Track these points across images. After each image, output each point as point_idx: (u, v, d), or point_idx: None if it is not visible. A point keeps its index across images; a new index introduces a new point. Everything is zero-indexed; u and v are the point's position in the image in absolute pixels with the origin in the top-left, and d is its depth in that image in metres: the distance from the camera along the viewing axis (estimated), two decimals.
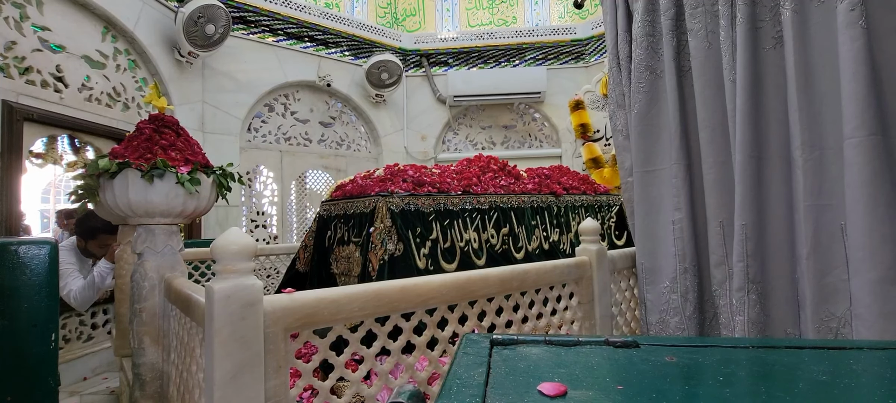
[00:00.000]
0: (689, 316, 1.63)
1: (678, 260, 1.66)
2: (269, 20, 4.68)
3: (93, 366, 2.99)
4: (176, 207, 1.51)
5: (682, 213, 1.64)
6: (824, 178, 1.21)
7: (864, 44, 1.09)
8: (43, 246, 1.29)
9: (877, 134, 1.07)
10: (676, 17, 1.69)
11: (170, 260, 1.57)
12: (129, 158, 1.38)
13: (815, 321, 1.21)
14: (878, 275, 1.05)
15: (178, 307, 1.38)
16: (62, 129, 3.14)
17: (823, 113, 1.22)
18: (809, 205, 1.22)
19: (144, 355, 1.56)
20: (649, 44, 1.79)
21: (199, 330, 1.14)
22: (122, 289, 2.26)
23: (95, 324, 3.20)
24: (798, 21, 1.25)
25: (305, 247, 2.69)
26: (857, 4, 1.10)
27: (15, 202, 2.74)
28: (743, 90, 1.37)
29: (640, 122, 1.80)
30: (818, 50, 1.23)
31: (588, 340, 0.53)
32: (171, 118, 1.57)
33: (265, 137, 4.83)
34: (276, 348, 1.01)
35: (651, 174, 1.78)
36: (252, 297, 0.96)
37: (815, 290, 1.21)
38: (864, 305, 1.07)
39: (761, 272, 1.35)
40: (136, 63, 3.71)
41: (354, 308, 1.13)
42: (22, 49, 2.83)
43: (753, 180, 1.35)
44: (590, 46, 5.44)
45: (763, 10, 1.39)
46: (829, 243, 1.20)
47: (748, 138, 1.36)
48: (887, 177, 1.07)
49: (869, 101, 1.08)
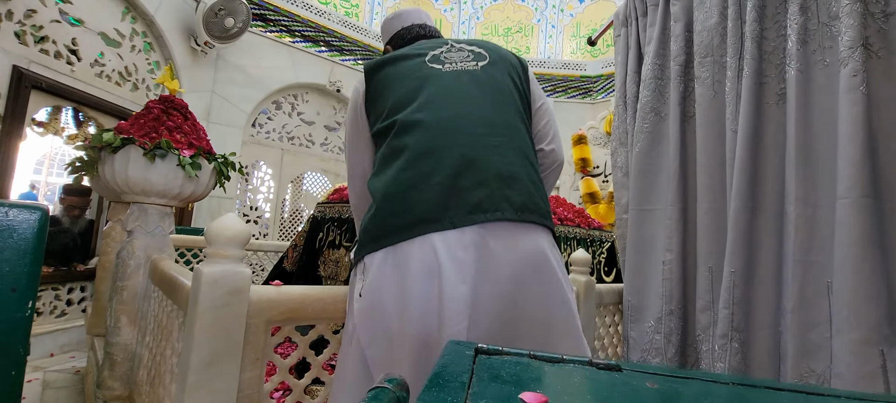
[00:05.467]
0: (670, 358, 1.63)
1: (665, 301, 1.66)
2: (289, 21, 4.75)
3: (61, 343, 2.93)
4: (174, 189, 1.50)
5: (673, 255, 1.65)
6: (815, 235, 1.22)
7: (863, 109, 1.12)
8: (34, 212, 1.27)
9: (869, 196, 1.10)
10: (686, 64, 1.73)
11: (159, 242, 1.56)
12: (133, 135, 1.38)
13: (795, 375, 1.21)
14: (861, 336, 1.06)
15: (161, 289, 1.37)
16: (68, 101, 3.14)
17: (819, 171, 1.25)
18: (798, 260, 1.24)
19: (119, 334, 1.53)
20: (657, 86, 1.83)
21: (180, 314, 1.13)
22: (104, 267, 2.23)
23: (71, 301, 3.15)
24: (802, 81, 1.28)
25: (295, 247, 2.67)
26: (859, 71, 1.14)
27: (10, 167, 2.73)
28: (743, 141, 1.40)
29: (641, 161, 1.83)
30: (818, 110, 1.26)
31: (572, 359, 0.53)
32: (180, 101, 1.58)
33: (269, 134, 4.85)
34: (256, 339, 1.00)
35: (646, 213, 1.80)
36: (239, 285, 0.95)
37: (797, 345, 1.21)
38: (844, 364, 1.08)
39: (746, 321, 1.35)
40: (151, 46, 3.74)
41: (340, 309, 1.12)
42: (41, 18, 2.86)
43: (746, 229, 1.37)
44: (598, 84, 5.54)
45: (769, 66, 1.43)
46: (814, 299, 1.21)
47: (744, 188, 1.38)
48: (876, 239, 1.09)
49: (864, 164, 1.10)
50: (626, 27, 2.07)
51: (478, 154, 0.90)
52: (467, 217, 0.85)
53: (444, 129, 0.92)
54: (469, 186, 0.87)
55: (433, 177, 0.88)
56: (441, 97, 0.96)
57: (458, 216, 0.85)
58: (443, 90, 0.97)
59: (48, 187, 13.22)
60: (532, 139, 1.06)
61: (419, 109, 0.94)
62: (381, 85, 1.02)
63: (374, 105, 1.02)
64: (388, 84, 1.01)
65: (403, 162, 0.90)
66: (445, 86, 0.98)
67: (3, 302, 1.32)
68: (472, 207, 0.86)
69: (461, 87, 0.99)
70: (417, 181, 0.88)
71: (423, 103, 0.95)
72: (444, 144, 0.91)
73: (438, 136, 0.91)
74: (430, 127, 0.92)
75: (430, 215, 0.85)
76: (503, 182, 0.90)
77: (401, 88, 0.99)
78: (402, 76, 1.00)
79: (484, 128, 0.94)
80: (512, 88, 1.04)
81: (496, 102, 1.00)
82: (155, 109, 1.51)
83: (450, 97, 0.97)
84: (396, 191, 0.89)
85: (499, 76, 1.04)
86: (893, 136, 1.13)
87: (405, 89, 0.98)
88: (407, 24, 1.18)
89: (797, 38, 1.30)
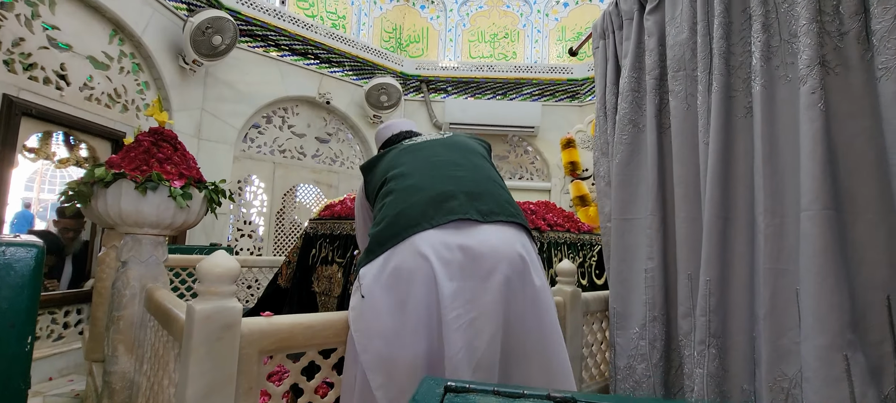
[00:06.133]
0: (655, 364, 1.68)
1: (648, 308, 1.72)
2: (276, 36, 4.78)
3: (59, 367, 2.95)
4: (166, 219, 1.54)
5: (655, 263, 1.71)
6: (783, 245, 1.28)
7: (822, 125, 1.17)
8: (30, 249, 1.31)
9: (830, 208, 1.15)
10: (660, 77, 1.78)
11: (153, 271, 1.60)
12: (124, 169, 1.42)
13: (769, 379, 1.27)
14: (826, 342, 1.11)
15: (156, 319, 1.40)
16: (59, 126, 3.16)
17: (785, 183, 1.30)
18: (768, 269, 1.29)
19: (117, 363, 1.57)
20: (634, 99, 1.89)
21: (176, 345, 1.17)
22: (100, 293, 2.26)
23: (67, 324, 3.16)
24: (766, 96, 1.34)
25: (289, 263, 2.71)
26: (817, 88, 1.19)
27: (3, 194, 2.75)
28: (714, 153, 1.46)
29: (621, 172, 1.88)
30: (783, 124, 1.32)
31: (532, 393, 0.58)
32: (170, 132, 1.62)
33: (260, 148, 4.88)
34: (249, 369, 1.04)
35: (628, 222, 1.85)
36: (231, 319, 1.00)
37: (769, 350, 1.27)
38: (812, 369, 1.13)
39: (722, 327, 1.41)
40: (139, 67, 3.77)
41: (329, 334, 1.17)
42: (29, 46, 2.88)
43: (719, 239, 1.43)
44: (585, 87, 5.61)
45: (737, 80, 1.49)
46: (784, 306, 1.26)
47: (717, 199, 1.44)
48: (838, 250, 1.14)
49: (824, 178, 1.16)
50: (604, 39, 2.13)
51: (448, 184, 1.16)
52: (444, 217, 1.09)
53: (422, 172, 1.20)
54: (444, 200, 1.12)
55: (415, 200, 1.13)
56: (417, 153, 1.27)
57: (437, 219, 1.08)
58: (418, 150, 1.29)
59: (40, 204, 13.15)
60: (498, 174, 1.32)
61: (401, 165, 1.24)
62: (373, 173, 1.31)
63: (371, 187, 1.30)
64: (380, 168, 1.30)
65: (392, 199, 1.16)
66: (420, 148, 1.30)
67: (3, 337, 1.35)
68: (447, 211, 1.10)
69: (433, 146, 1.30)
70: (404, 207, 1.12)
71: (404, 162, 1.25)
72: (422, 181, 1.18)
73: (417, 177, 1.19)
74: (411, 173, 1.20)
75: (414, 222, 1.08)
76: (471, 197, 1.14)
77: (388, 164, 1.28)
78: (389, 158, 1.30)
79: (452, 166, 1.22)
80: (476, 145, 1.37)
81: (463, 152, 1.29)
82: (145, 142, 1.55)
83: (424, 151, 1.28)
84: (387, 215, 1.13)
85: (463, 139, 1.37)
86: (852, 150, 1.18)
87: (390, 161, 1.28)
88: (395, 132, 1.47)
89: (761, 54, 1.35)
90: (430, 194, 1.12)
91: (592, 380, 2.01)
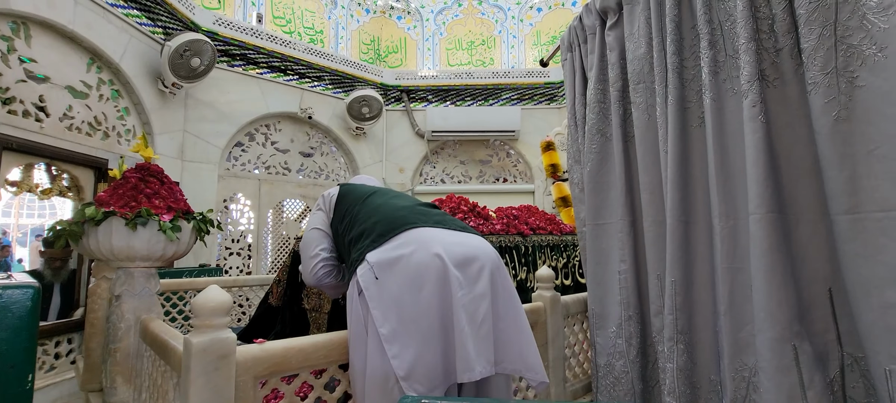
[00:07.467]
0: (632, 360, 1.78)
1: (623, 308, 1.82)
2: (254, 54, 4.82)
3: (53, 398, 2.95)
4: (156, 252, 1.60)
5: (627, 265, 1.81)
6: (737, 245, 1.39)
7: (763, 135, 1.28)
8: (26, 290, 1.36)
9: (774, 211, 1.26)
10: (623, 89, 1.89)
11: (147, 302, 1.65)
12: (114, 207, 1.47)
13: (732, 370, 1.38)
14: (776, 334, 1.22)
15: (153, 349, 1.46)
16: (40, 158, 3.17)
17: (737, 188, 1.41)
18: (726, 268, 1.40)
19: (116, 394, 1.62)
20: (600, 109, 1.99)
21: (174, 375, 1.23)
22: (93, 324, 2.29)
23: (58, 354, 3.17)
24: (715, 108, 1.45)
25: (279, 282, 2.76)
26: (757, 102, 1.30)
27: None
28: (673, 161, 1.56)
29: (592, 179, 1.98)
30: (731, 133, 1.43)
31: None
32: (156, 167, 1.67)
33: (244, 166, 4.90)
34: (245, 395, 1.11)
35: (601, 227, 1.96)
36: (226, 350, 1.06)
37: (730, 343, 1.38)
38: (765, 359, 1.24)
39: (689, 324, 1.51)
40: (119, 93, 3.78)
41: (320, 356, 1.24)
42: (6, 80, 2.89)
43: (682, 241, 1.53)
44: (562, 90, 5.74)
45: (690, 92, 1.59)
46: (742, 302, 1.37)
47: (677, 204, 1.54)
48: (784, 249, 1.25)
49: (767, 184, 1.27)
50: (571, 52, 2.23)
51: (419, 207, 1.41)
52: (430, 221, 1.29)
53: (393, 200, 1.44)
54: (423, 213, 1.34)
55: (398, 208, 1.37)
56: (373, 194, 1.46)
57: (423, 222, 1.27)
58: (374, 194, 1.47)
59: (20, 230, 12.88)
60: None
61: (371, 195, 1.46)
62: (340, 205, 1.50)
63: (338, 214, 1.49)
64: (346, 201, 1.49)
65: (370, 210, 1.38)
66: (375, 193, 1.48)
67: (4, 379, 1.40)
68: (430, 217, 1.30)
69: (387, 191, 1.52)
70: (389, 211, 1.35)
71: (372, 199, 1.44)
72: (397, 201, 1.42)
73: (391, 201, 1.42)
74: (384, 201, 1.41)
75: (409, 221, 1.27)
76: (442, 216, 1.36)
77: (354, 199, 1.48)
78: (354, 196, 1.50)
79: (410, 201, 1.46)
80: None
81: (414, 199, 1.50)
82: (132, 178, 1.60)
83: (387, 193, 1.49)
84: (374, 217, 1.32)
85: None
86: (792, 156, 1.29)
87: (357, 198, 1.48)
88: None
89: (709, 69, 1.46)
90: (408, 205, 1.38)
91: (576, 379, 2.11)
